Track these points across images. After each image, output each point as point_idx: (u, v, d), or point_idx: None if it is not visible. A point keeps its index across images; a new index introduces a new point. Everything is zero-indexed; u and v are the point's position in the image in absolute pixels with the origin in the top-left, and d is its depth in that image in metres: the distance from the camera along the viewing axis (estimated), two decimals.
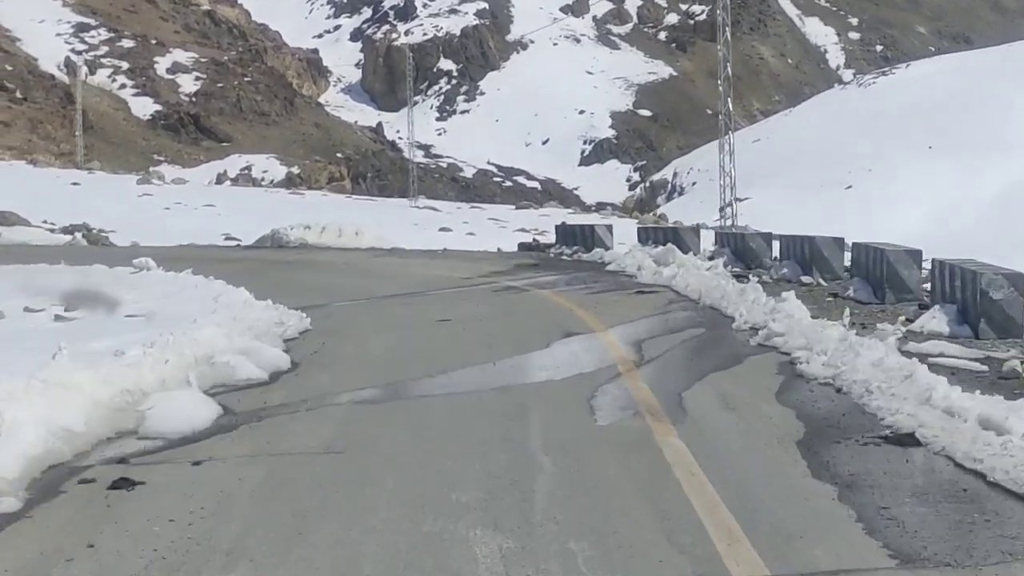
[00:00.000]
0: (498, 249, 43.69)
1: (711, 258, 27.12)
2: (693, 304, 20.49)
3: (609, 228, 37.61)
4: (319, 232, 39.45)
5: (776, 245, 27.54)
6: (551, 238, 43.88)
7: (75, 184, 70.91)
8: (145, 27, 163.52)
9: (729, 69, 43.97)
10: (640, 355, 14.88)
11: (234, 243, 45.58)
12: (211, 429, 11.14)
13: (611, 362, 14.32)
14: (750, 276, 23.06)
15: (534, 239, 47.89)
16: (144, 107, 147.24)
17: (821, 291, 21.25)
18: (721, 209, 52.92)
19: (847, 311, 15.73)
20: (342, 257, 35.65)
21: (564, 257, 36.27)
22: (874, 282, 19.59)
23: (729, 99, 44.87)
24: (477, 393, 12.61)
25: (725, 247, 29.36)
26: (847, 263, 23.44)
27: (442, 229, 58.55)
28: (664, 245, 29.50)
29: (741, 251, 27.91)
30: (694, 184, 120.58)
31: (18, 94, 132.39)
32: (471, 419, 11.21)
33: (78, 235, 43.98)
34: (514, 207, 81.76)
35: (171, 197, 64.50)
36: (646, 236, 35.27)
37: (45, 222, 51.01)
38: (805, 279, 22.60)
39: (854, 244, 21.42)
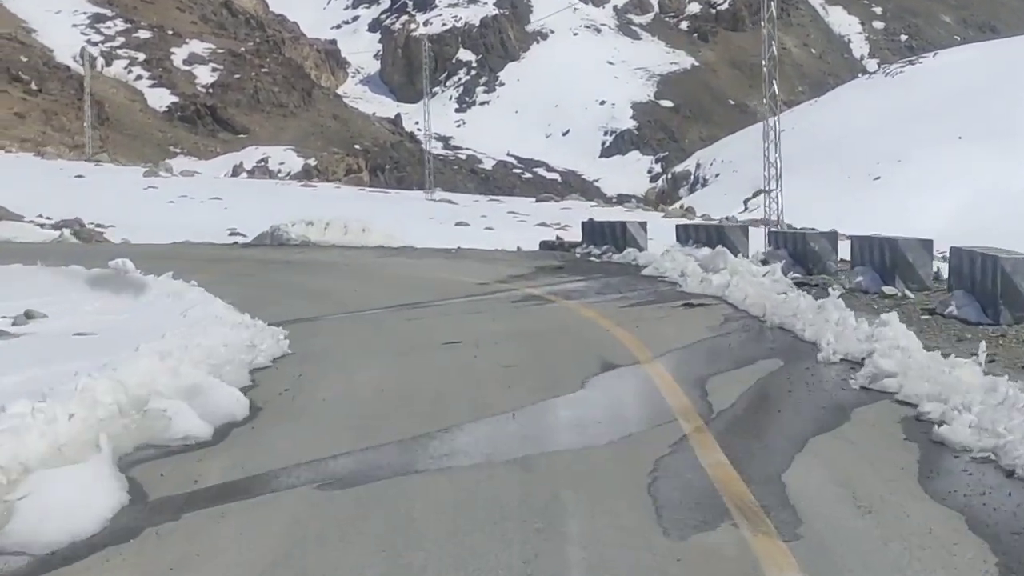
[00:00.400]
0: (518, 248, 39.80)
1: (764, 262, 23.04)
2: (757, 323, 16.51)
3: (643, 226, 33.22)
4: (323, 229, 35.39)
5: (844, 247, 23.56)
6: (576, 234, 39.61)
7: (79, 176, 67.42)
8: (161, 18, 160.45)
9: (775, 48, 40.04)
10: (707, 403, 11.01)
11: (233, 240, 41.96)
12: (101, 536, 7.56)
13: (670, 415, 10.49)
14: (817, 285, 19.25)
15: (557, 237, 43.69)
16: (160, 99, 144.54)
17: (911, 306, 17.19)
18: (745, 201, 48.99)
19: (982, 346, 11.70)
20: (345, 257, 31.92)
21: (592, 258, 32.17)
22: (983, 296, 15.58)
23: (775, 80, 40.85)
24: (489, 469, 8.82)
25: (781, 248, 25.20)
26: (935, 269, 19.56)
27: (459, 224, 54.77)
28: (709, 246, 25.56)
29: (800, 254, 23.73)
30: (717, 176, 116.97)
31: (33, 85, 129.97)
32: (478, 525, 7.41)
33: (66, 231, 40.33)
34: (534, 200, 77.79)
35: (177, 190, 60.87)
36: (686, 235, 31.17)
37: (40, 216, 47.54)
38: (887, 290, 18.47)
39: (953, 249, 17.30)
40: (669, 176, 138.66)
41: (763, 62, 40.56)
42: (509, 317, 18.84)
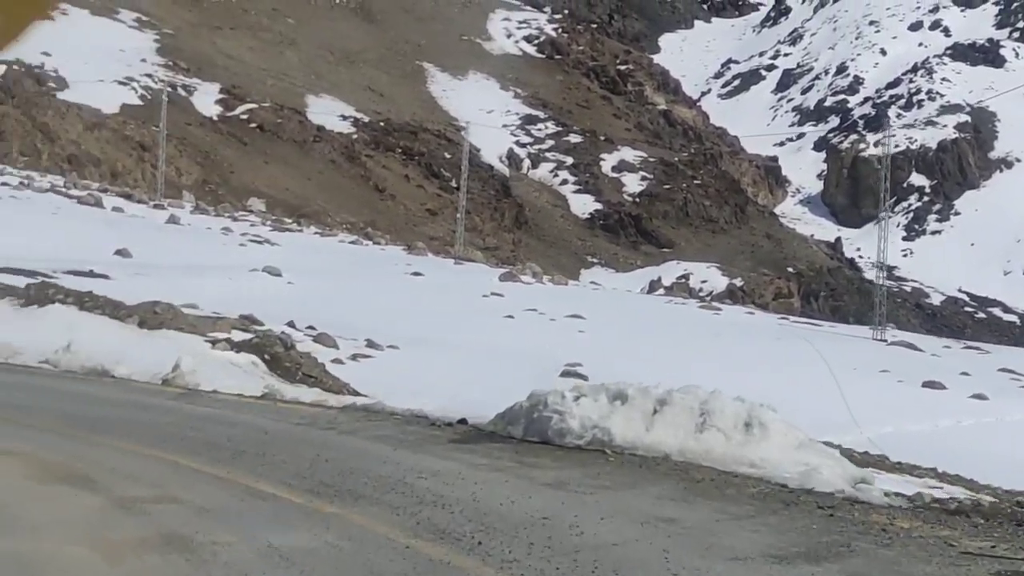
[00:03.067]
0: None
1: None
2: None
3: None
4: (648, 414, 13.50)
5: None
6: None
7: (416, 274, 50.12)
8: (595, 123, 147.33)
9: None
10: None
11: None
12: None
13: None
14: None
15: None
16: (584, 205, 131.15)
17: None
18: None
19: None
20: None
21: None
22: None
23: None
24: None
25: None
26: None
27: (928, 384, 32.90)
28: None
29: None
30: None
31: (453, 184, 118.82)
32: None
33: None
34: None
35: (524, 300, 42.40)
36: None
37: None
38: None
39: None
40: None
41: None
42: None
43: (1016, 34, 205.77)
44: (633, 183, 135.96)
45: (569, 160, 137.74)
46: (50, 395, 14.81)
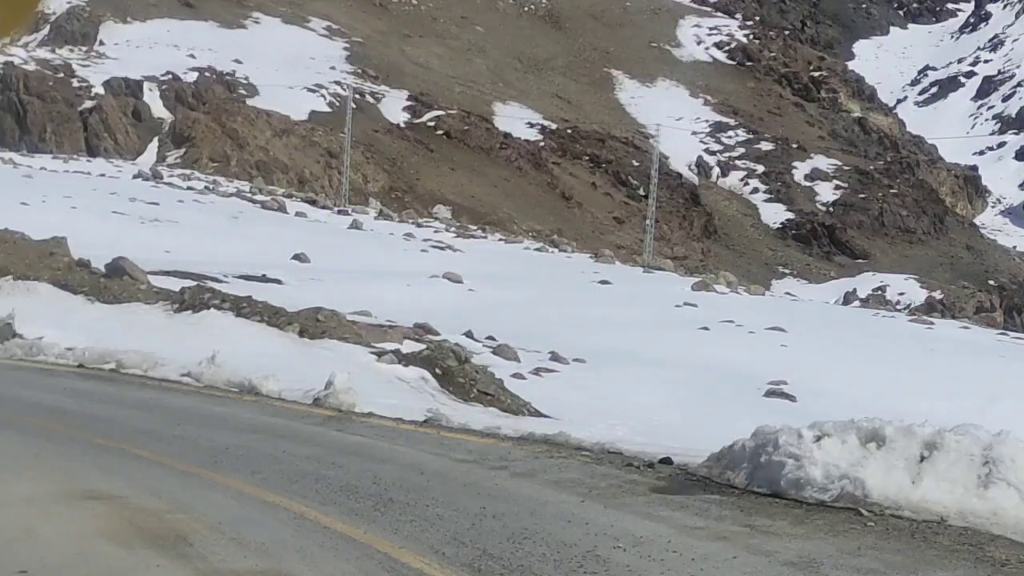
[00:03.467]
0: None
1: None
2: None
3: None
4: (913, 461, 10.47)
5: None
6: None
7: (604, 282, 47.34)
8: (788, 130, 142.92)
9: None
10: None
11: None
12: None
13: None
14: None
15: None
16: (775, 214, 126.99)
17: None
18: None
19: None
20: None
21: None
22: None
23: None
24: None
25: None
26: None
27: None
28: None
29: None
30: None
31: (641, 191, 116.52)
32: None
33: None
34: None
35: (720, 312, 39.16)
36: None
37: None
38: None
39: None
40: None
41: None
42: None
43: None
44: (827, 192, 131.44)
45: (760, 168, 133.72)
46: (176, 417, 12.52)
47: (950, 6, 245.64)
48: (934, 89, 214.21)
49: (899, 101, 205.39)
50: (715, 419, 22.63)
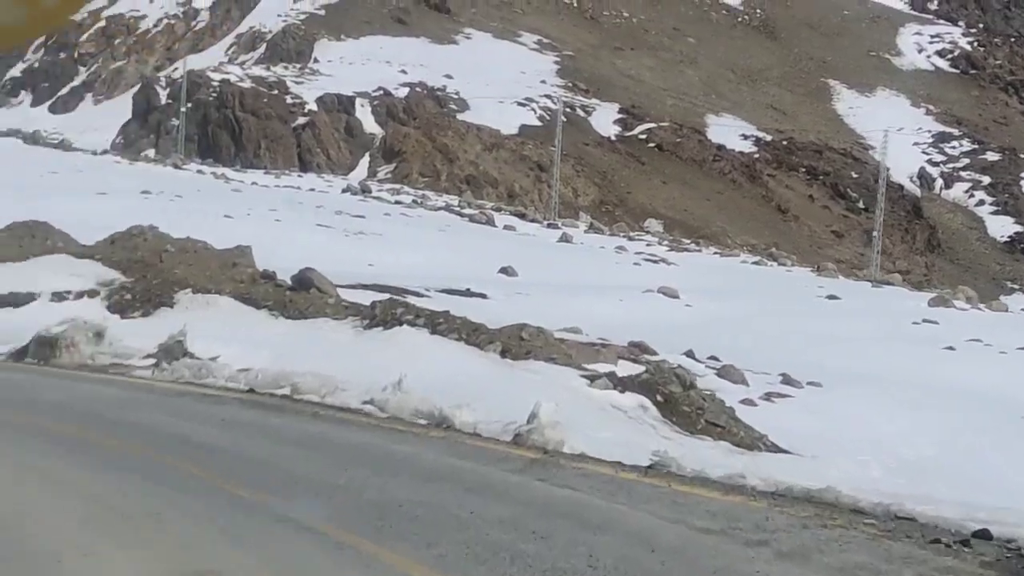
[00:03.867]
0: None
1: None
2: None
3: None
4: None
5: None
6: None
7: (832, 297, 43.73)
8: (1015, 140, 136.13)
9: None
10: None
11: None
12: None
13: None
14: None
15: None
16: (1002, 227, 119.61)
17: None
18: None
19: None
20: None
21: None
22: None
23: None
24: None
25: None
26: None
27: None
28: None
29: None
30: None
31: (860, 204, 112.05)
32: None
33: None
34: None
35: (965, 331, 35.35)
36: None
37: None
38: None
39: None
40: None
41: None
42: None
43: None
44: None
45: (986, 179, 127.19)
46: (345, 459, 10.13)
47: None
48: None
49: None
50: (976, 453, 19.46)
